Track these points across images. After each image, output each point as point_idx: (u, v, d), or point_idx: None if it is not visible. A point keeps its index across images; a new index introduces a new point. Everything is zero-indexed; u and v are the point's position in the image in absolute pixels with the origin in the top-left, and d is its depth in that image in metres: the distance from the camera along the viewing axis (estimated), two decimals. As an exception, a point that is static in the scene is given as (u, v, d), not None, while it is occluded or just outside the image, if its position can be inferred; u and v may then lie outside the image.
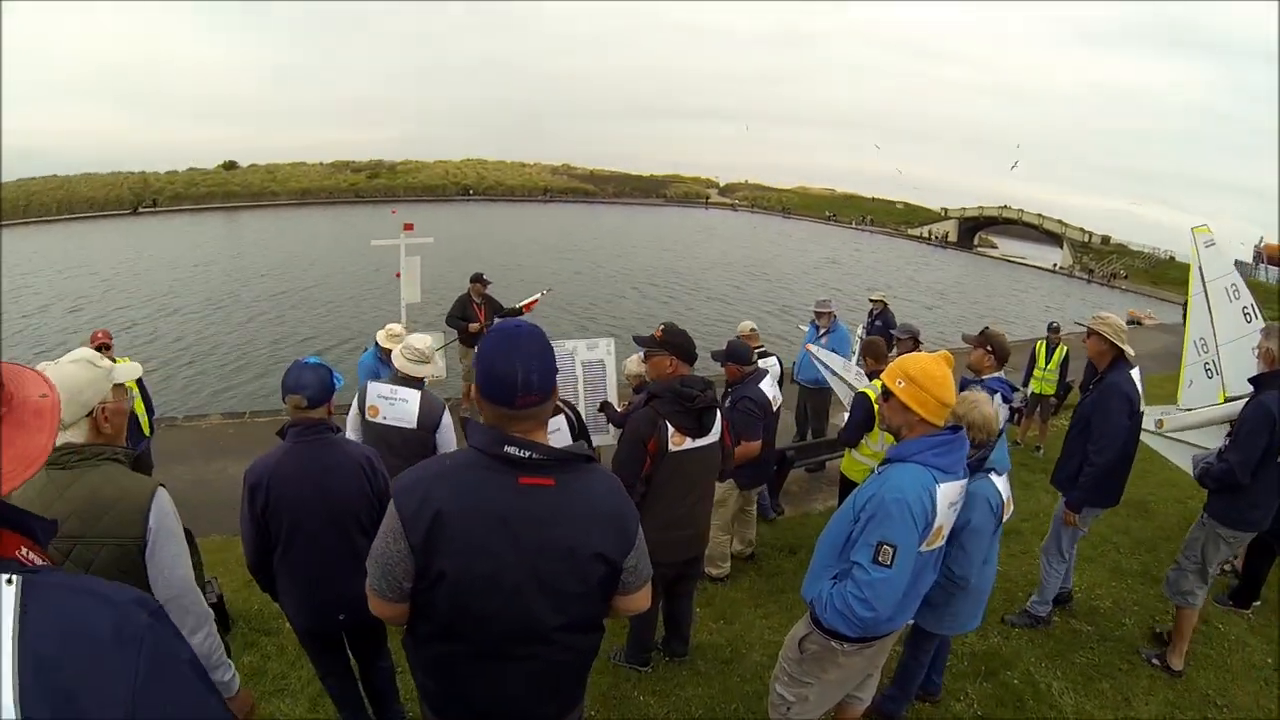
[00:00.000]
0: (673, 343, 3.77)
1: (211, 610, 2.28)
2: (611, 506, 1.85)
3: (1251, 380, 4.25)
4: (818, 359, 7.43)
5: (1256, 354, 4.40)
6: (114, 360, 6.64)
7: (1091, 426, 4.49)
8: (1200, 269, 5.39)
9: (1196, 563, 4.42)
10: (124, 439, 2.30)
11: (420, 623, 1.84)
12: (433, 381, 4.60)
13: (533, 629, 1.79)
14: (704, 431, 3.66)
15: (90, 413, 2.14)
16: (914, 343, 6.85)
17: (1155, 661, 4.57)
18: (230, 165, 71.82)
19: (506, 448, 1.72)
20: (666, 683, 4.30)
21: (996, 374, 4.91)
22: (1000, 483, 3.35)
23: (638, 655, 4.34)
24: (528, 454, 1.73)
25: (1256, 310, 5.48)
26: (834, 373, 7.27)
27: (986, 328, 5.06)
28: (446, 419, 4.53)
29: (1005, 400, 4.71)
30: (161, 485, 2.18)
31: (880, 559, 2.51)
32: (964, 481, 2.82)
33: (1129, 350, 4.43)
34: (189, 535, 2.26)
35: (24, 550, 1.01)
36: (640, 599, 1.97)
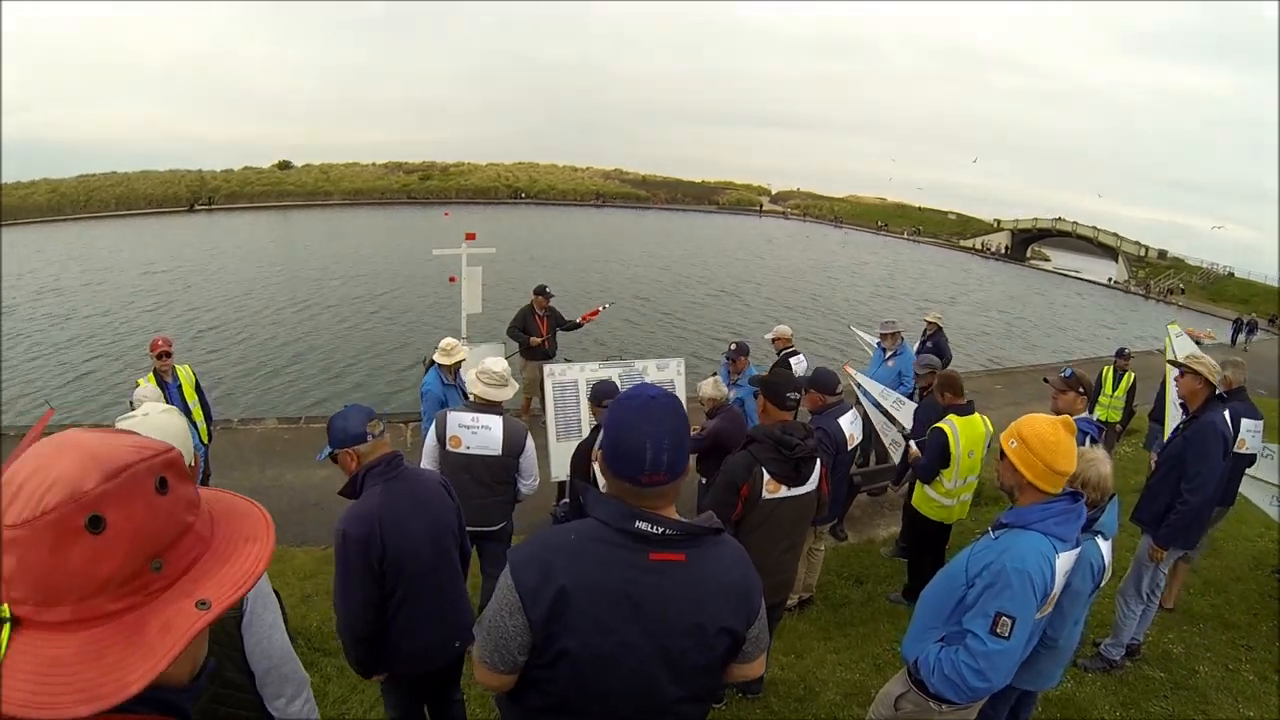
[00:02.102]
0: (765, 381, 3.72)
1: (308, 675, 2.18)
2: (739, 578, 1.75)
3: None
4: (857, 383, 7.35)
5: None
6: (174, 367, 6.75)
7: (1186, 465, 4.48)
8: (1174, 352, 6.71)
9: None
10: None
11: (532, 694, 1.76)
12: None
13: (654, 705, 1.71)
14: (801, 481, 3.58)
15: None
16: (933, 377, 6.70)
17: None
18: (285, 165, 73.20)
19: (638, 523, 1.64)
20: (740, 721, 4.22)
21: (1082, 414, 4.78)
22: (1105, 546, 3.22)
23: (712, 692, 4.25)
24: (661, 530, 1.64)
25: None
26: (872, 399, 7.19)
27: (1073, 370, 4.93)
28: (530, 444, 4.55)
29: (1094, 440, 4.60)
30: None
31: (998, 630, 2.43)
32: (1078, 550, 2.74)
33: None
34: (275, 593, 2.15)
35: None
36: (757, 666, 1.88)
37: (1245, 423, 5.30)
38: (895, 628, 5.29)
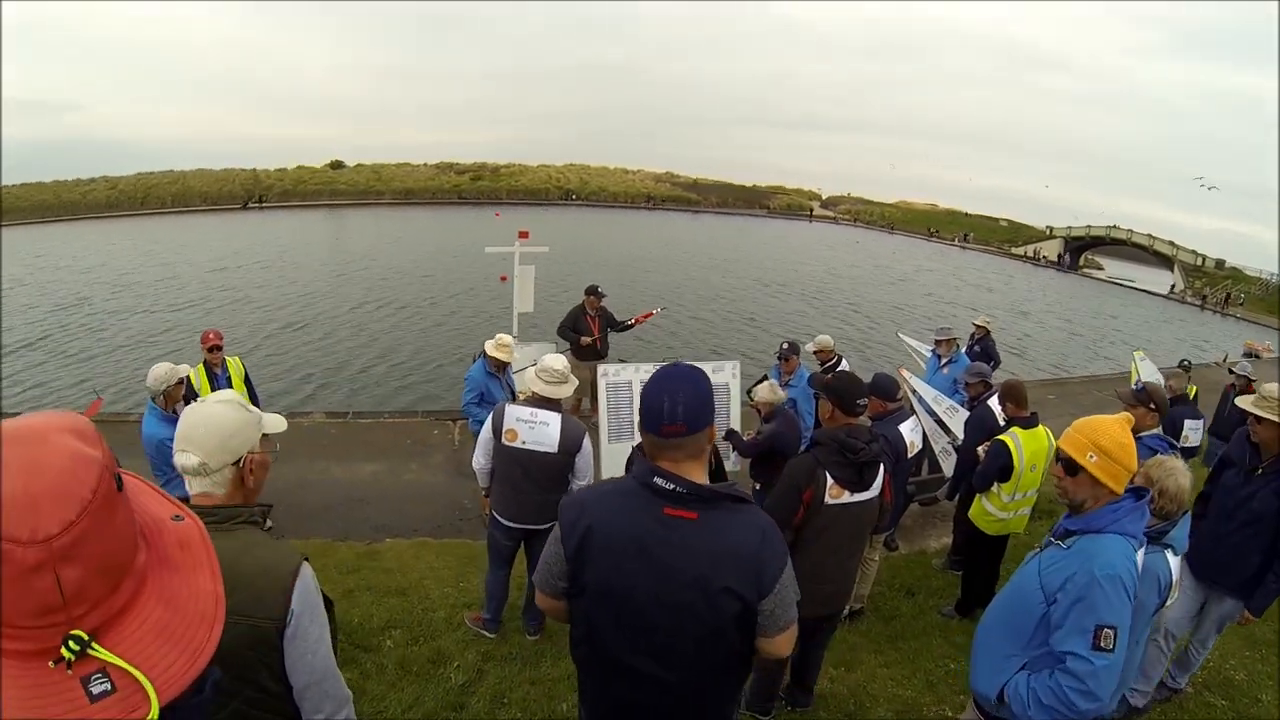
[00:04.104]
0: (833, 387, 3.64)
1: (350, 693, 2.06)
2: (751, 547, 1.90)
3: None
4: (911, 388, 7.23)
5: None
6: (225, 359, 6.86)
7: None
8: (1140, 377, 8.26)
9: None
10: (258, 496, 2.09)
11: (574, 626, 2.10)
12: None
13: (660, 654, 1.94)
14: (864, 486, 3.51)
15: (237, 462, 1.96)
16: (984, 385, 6.58)
17: None
18: (337, 164, 73.37)
19: (655, 478, 1.89)
20: (790, 735, 4.13)
21: (1154, 431, 4.61)
22: (1174, 562, 3.07)
23: (760, 703, 4.14)
24: (673, 486, 1.88)
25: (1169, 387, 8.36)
26: (925, 405, 7.06)
27: (1144, 385, 4.78)
28: (587, 443, 4.50)
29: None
30: (305, 559, 1.94)
31: (1102, 644, 2.30)
32: (1144, 549, 2.59)
33: None
34: (327, 602, 2.04)
35: None
36: (780, 643, 1.99)
37: (1187, 423, 6.79)
38: (947, 643, 5.20)
